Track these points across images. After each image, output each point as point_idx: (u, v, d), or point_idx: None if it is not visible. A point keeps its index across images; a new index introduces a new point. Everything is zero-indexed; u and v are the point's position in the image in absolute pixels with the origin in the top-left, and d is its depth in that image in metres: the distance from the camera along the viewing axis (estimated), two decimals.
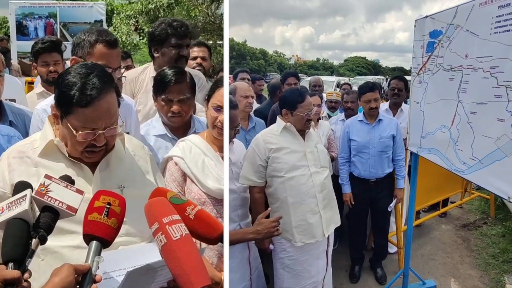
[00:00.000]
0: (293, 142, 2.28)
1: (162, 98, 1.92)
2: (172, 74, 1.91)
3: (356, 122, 3.04)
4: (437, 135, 2.26)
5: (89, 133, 1.17)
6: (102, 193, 0.98)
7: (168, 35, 2.28)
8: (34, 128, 1.73)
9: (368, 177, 2.99)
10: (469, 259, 3.72)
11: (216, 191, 1.65)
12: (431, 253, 3.81)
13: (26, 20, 7.17)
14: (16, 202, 0.92)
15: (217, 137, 1.75)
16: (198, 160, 1.71)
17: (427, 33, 2.39)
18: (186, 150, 1.72)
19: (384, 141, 2.93)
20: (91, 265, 0.89)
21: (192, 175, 1.68)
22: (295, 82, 3.71)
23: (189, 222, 1.01)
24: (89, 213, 0.94)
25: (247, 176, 2.21)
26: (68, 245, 1.14)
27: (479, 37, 1.82)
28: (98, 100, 1.15)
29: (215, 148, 1.78)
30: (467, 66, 1.93)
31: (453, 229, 4.41)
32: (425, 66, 2.43)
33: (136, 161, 1.37)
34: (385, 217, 3.17)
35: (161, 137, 1.97)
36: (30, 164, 1.21)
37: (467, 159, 1.94)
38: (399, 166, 3.04)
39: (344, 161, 3.06)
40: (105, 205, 0.94)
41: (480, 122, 1.82)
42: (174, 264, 0.87)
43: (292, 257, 2.36)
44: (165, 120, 1.97)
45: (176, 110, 1.90)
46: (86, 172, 1.24)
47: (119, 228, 0.96)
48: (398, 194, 3.08)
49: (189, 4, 12.26)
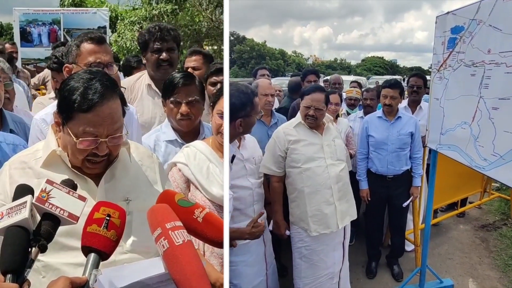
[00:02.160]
0: (310, 135, 2.36)
1: (170, 101, 1.92)
2: (180, 76, 1.93)
3: (375, 119, 3.05)
4: (457, 131, 2.25)
5: (90, 141, 1.12)
6: (102, 204, 0.95)
7: (146, 40, 2.30)
8: (33, 138, 1.68)
9: (386, 174, 2.99)
10: (488, 260, 3.67)
11: (221, 198, 1.63)
12: (448, 253, 3.77)
13: (30, 26, 7.22)
14: (16, 209, 0.89)
15: (222, 144, 1.73)
16: (203, 167, 1.69)
17: (448, 29, 2.37)
18: (190, 156, 1.71)
19: (402, 138, 2.93)
20: (88, 278, 0.86)
21: (197, 181, 1.67)
22: (315, 79, 3.73)
23: (197, 225, 1.00)
24: (88, 224, 0.91)
25: (267, 166, 2.33)
26: (70, 262, 1.09)
27: (502, 31, 1.81)
28: (100, 105, 1.11)
29: (220, 155, 1.75)
30: (489, 61, 1.92)
31: (471, 229, 4.35)
32: (446, 62, 2.42)
33: (143, 172, 1.31)
34: (402, 214, 3.16)
35: (171, 143, 1.96)
36: (32, 176, 1.17)
37: (488, 155, 1.93)
38: (416, 164, 3.03)
39: (362, 157, 3.08)
40: (105, 216, 0.92)
41: (502, 118, 1.81)
42: (176, 269, 0.87)
43: (309, 247, 2.42)
44: (175, 125, 1.97)
45: (185, 112, 1.88)
46: (90, 184, 1.19)
47: (118, 240, 0.93)
48: (414, 192, 3.08)
49: (193, 10, 12.37)
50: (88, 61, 1.64)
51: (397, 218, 3.19)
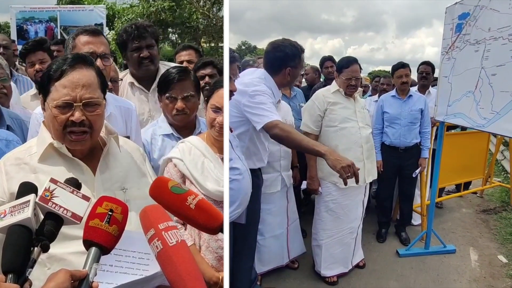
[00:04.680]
0: (346, 101, 2.80)
1: (166, 97, 1.93)
2: (176, 72, 1.94)
3: (389, 97, 3.48)
4: (463, 100, 2.66)
5: (64, 107, 1.14)
6: (105, 199, 0.95)
7: (124, 40, 2.29)
8: (32, 132, 1.68)
9: (398, 145, 3.41)
10: (488, 235, 4.02)
11: (215, 193, 1.64)
12: (451, 228, 4.13)
13: (26, 24, 7.13)
14: (19, 207, 0.88)
15: (216, 138, 1.74)
16: (198, 162, 1.70)
17: (456, 17, 2.80)
18: (185, 152, 1.72)
19: (413, 113, 3.35)
20: (88, 271, 0.87)
21: (192, 176, 1.68)
22: (331, 65, 4.22)
23: (190, 211, 1.00)
24: (90, 218, 0.92)
25: (307, 124, 2.75)
26: (75, 251, 1.09)
27: (500, 12, 2.23)
28: (71, 71, 1.15)
29: (215, 150, 1.76)
30: (489, 37, 2.34)
31: (473, 212, 4.70)
32: (454, 45, 2.85)
33: (134, 161, 1.35)
34: (411, 183, 3.57)
35: (167, 137, 1.98)
36: (29, 171, 1.17)
37: (487, 114, 2.33)
38: (425, 138, 3.45)
39: (377, 132, 3.48)
40: (107, 211, 0.92)
41: (499, 81, 2.22)
42: (170, 270, 0.87)
43: (336, 201, 2.80)
44: (171, 120, 1.98)
45: (180, 107, 1.89)
46: (87, 174, 1.21)
47: (119, 236, 0.94)
48: (422, 162, 3.48)
49: (190, 7, 12.16)
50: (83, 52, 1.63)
51: (407, 187, 3.59)
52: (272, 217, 2.90)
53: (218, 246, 1.66)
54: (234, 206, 1.77)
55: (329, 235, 2.88)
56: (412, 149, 3.43)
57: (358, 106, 2.83)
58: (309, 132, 2.76)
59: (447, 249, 3.46)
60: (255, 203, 2.15)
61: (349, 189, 2.76)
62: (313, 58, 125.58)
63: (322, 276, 2.95)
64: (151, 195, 1.05)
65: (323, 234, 2.89)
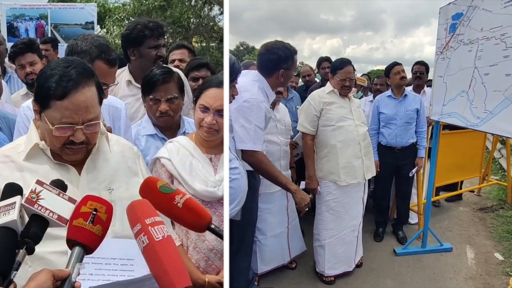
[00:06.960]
0: (341, 100, 2.84)
1: (150, 98, 1.92)
2: (160, 73, 1.91)
3: (385, 98, 3.50)
4: (457, 100, 2.69)
5: (66, 128, 1.13)
6: (90, 198, 0.94)
7: (145, 36, 2.25)
8: (19, 125, 1.65)
9: (395, 145, 3.43)
10: (484, 233, 4.05)
11: (203, 193, 1.64)
12: (448, 226, 4.16)
13: (17, 21, 6.94)
14: (5, 209, 0.87)
15: (204, 138, 1.73)
16: (186, 162, 1.69)
17: (450, 17, 2.83)
18: (173, 152, 1.72)
19: (409, 113, 3.37)
20: (71, 271, 0.86)
21: (180, 176, 1.67)
22: (328, 66, 4.24)
23: (177, 210, 1.03)
24: (74, 218, 0.91)
25: (303, 124, 2.79)
26: (56, 250, 1.09)
27: (492, 12, 2.26)
28: (74, 93, 1.11)
29: (203, 150, 1.75)
30: (482, 37, 2.37)
31: (470, 210, 4.73)
32: (448, 44, 2.87)
33: (125, 161, 1.33)
34: (408, 183, 3.59)
35: (151, 137, 1.97)
36: (15, 169, 1.17)
37: (481, 113, 2.36)
38: (421, 137, 3.47)
39: (374, 132, 3.50)
40: (92, 211, 0.91)
41: (492, 80, 2.25)
42: (156, 265, 0.87)
43: (336, 199, 2.83)
44: (154, 121, 1.97)
45: (164, 109, 1.89)
46: (73, 174, 1.21)
47: (103, 236, 0.93)
48: (419, 162, 3.51)
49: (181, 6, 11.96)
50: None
51: (404, 187, 3.61)
52: (273, 216, 2.94)
53: (205, 246, 1.66)
54: (234, 204, 1.80)
55: (332, 234, 2.90)
56: (409, 149, 3.45)
57: (353, 105, 2.87)
58: (306, 132, 2.79)
59: (443, 248, 3.49)
60: (252, 203, 2.18)
61: (349, 187, 2.81)
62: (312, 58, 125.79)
63: (320, 275, 2.97)
64: (141, 195, 1.08)
65: (326, 234, 2.91)
